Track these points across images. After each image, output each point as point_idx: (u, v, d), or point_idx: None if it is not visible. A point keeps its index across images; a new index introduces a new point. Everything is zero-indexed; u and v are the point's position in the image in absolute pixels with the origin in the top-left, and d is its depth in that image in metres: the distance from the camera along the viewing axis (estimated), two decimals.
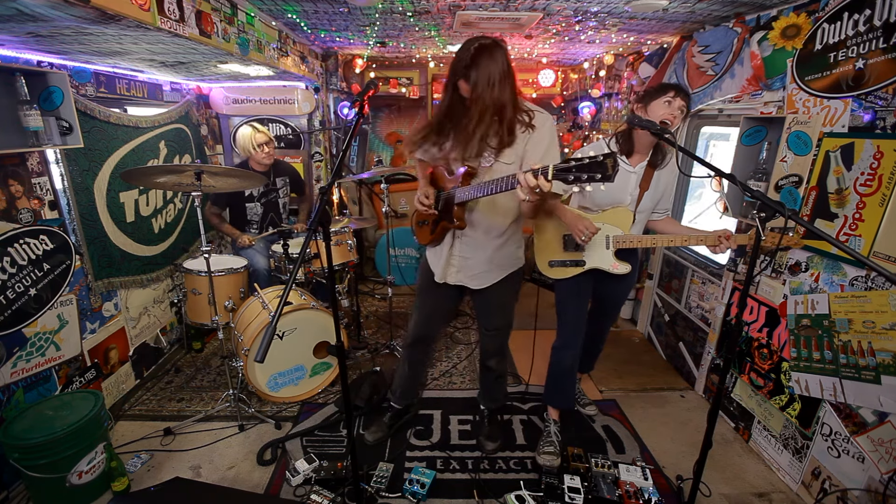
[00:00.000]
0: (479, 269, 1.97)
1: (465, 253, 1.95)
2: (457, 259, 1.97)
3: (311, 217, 1.64)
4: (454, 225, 1.86)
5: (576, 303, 2.17)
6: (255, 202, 3.20)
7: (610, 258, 2.04)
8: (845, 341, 1.87)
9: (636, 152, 1.98)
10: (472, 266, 1.97)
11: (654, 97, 1.85)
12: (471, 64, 1.60)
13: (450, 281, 2.01)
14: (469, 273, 1.98)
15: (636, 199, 2.02)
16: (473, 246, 1.94)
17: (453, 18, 2.65)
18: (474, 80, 1.60)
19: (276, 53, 2.87)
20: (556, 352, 2.23)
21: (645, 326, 3.57)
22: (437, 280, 2.02)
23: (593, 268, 2.07)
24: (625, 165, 1.98)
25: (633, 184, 2.00)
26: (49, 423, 1.89)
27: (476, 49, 1.60)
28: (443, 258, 1.98)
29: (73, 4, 1.31)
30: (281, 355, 2.58)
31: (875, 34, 1.73)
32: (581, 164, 1.21)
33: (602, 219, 2.03)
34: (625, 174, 1.99)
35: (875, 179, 1.73)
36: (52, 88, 2.06)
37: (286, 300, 1.20)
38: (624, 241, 2.00)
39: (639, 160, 1.99)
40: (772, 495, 2.10)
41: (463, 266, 1.97)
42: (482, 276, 1.99)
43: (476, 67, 1.59)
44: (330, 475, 2.09)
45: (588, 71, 4.22)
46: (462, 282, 2.01)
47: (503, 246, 1.95)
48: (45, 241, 2.16)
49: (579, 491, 2.02)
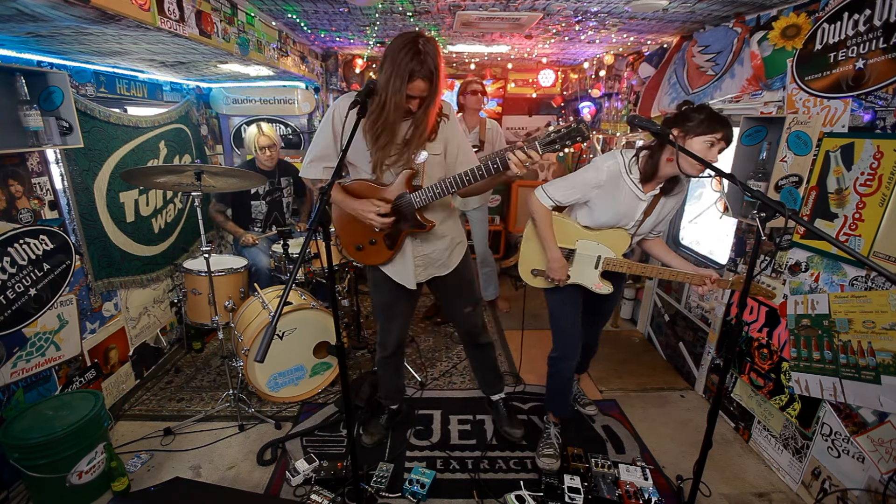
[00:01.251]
0: (443, 257, 2.02)
1: (425, 250, 1.97)
2: (420, 259, 1.98)
3: (311, 217, 1.64)
4: (424, 229, 1.85)
5: (570, 313, 2.13)
6: (260, 200, 3.22)
7: (595, 277, 2.03)
8: (845, 341, 1.87)
9: (655, 179, 1.83)
10: (437, 256, 2.00)
11: (700, 132, 1.65)
12: (439, 64, 1.61)
13: (420, 280, 2.02)
14: (435, 264, 2.02)
15: (638, 224, 1.97)
16: (430, 239, 1.95)
17: (453, 18, 2.65)
18: (436, 82, 1.62)
19: (276, 53, 2.87)
20: (553, 362, 2.20)
21: (645, 326, 3.57)
22: (410, 287, 2.00)
23: (576, 283, 2.06)
24: (637, 191, 1.86)
25: (641, 210, 1.92)
26: (49, 423, 1.89)
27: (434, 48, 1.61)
28: (407, 265, 1.96)
29: (73, 4, 1.31)
30: (281, 355, 2.58)
31: (875, 34, 1.73)
32: (562, 135, 1.48)
33: (598, 238, 2.00)
34: (634, 200, 1.88)
35: (875, 179, 1.73)
36: (52, 88, 2.06)
37: (286, 300, 1.20)
38: (613, 264, 1.99)
39: (651, 188, 1.86)
40: (772, 495, 2.10)
41: (427, 262, 2.00)
42: (447, 261, 2.04)
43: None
44: (330, 475, 2.09)
45: (588, 71, 4.22)
46: (432, 275, 2.04)
47: (450, 222, 2.01)
48: (45, 241, 2.16)
49: (579, 491, 2.02)
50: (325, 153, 1.82)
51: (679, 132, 1.70)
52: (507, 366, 3.12)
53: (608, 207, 1.91)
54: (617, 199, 1.88)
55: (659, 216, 1.96)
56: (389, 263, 1.99)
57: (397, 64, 1.55)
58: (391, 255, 1.94)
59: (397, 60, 1.55)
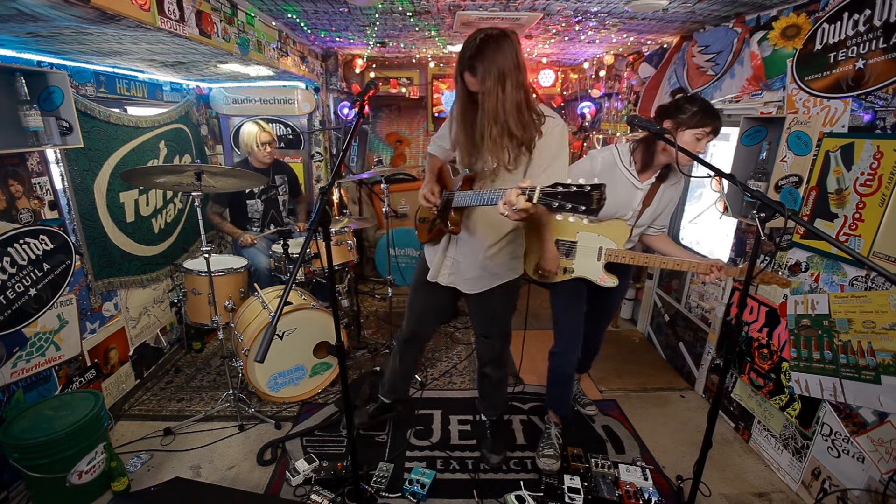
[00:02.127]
0: (470, 275, 1.92)
1: (458, 256, 1.92)
2: (450, 261, 1.94)
3: (311, 217, 1.63)
4: (449, 229, 1.83)
5: (573, 308, 2.14)
6: (255, 199, 3.22)
7: (599, 269, 2.03)
8: (845, 341, 1.87)
9: (651, 168, 1.90)
10: (464, 270, 1.92)
11: (691, 125, 1.71)
12: (476, 55, 1.48)
13: (441, 282, 1.98)
14: (461, 277, 1.94)
15: (637, 214, 1.99)
16: (466, 251, 1.90)
17: (453, 18, 2.65)
18: (482, 74, 1.48)
19: (276, 53, 2.87)
20: (554, 357, 2.20)
21: (645, 326, 3.57)
22: (430, 278, 1.99)
23: (581, 276, 2.06)
24: (633, 180, 1.92)
25: (638, 199, 1.95)
26: (49, 423, 1.89)
27: (482, 39, 1.48)
28: (437, 257, 1.96)
29: (73, 4, 1.31)
30: (281, 355, 2.58)
31: (875, 34, 1.73)
32: (568, 192, 1.17)
33: (598, 230, 2.00)
34: (631, 189, 1.93)
35: (875, 179, 1.73)
36: (52, 88, 2.06)
37: (286, 300, 1.20)
38: (615, 255, 1.98)
39: (648, 177, 1.92)
40: (772, 495, 2.10)
41: (455, 269, 1.94)
42: (473, 281, 1.93)
43: (482, 59, 1.46)
44: (330, 475, 2.09)
45: (588, 71, 4.22)
46: (454, 284, 1.97)
47: (497, 254, 1.88)
48: (45, 241, 2.16)
49: (579, 491, 2.02)
50: (442, 133, 1.93)
51: (672, 124, 1.75)
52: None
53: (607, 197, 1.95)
54: (615, 188, 1.89)
55: (658, 207, 1.98)
56: (429, 246, 2.05)
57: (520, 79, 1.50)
58: (429, 239, 2.02)
59: (520, 77, 1.50)
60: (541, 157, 1.63)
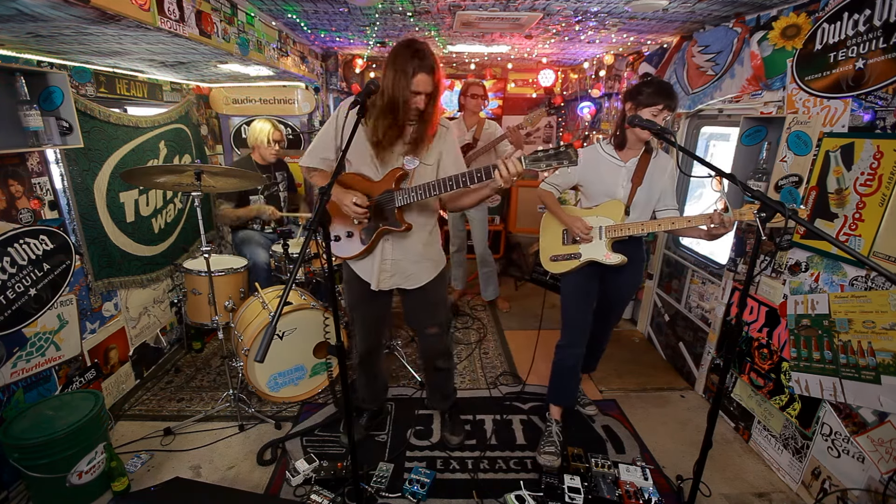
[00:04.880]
0: (412, 270, 1.99)
1: (396, 256, 1.95)
2: (388, 264, 1.96)
3: (311, 216, 1.65)
4: (399, 229, 1.85)
5: (581, 302, 2.21)
6: (258, 195, 3.28)
7: (603, 248, 2.11)
8: (845, 341, 1.87)
9: (628, 147, 2.08)
10: (406, 267, 1.98)
11: (647, 105, 1.91)
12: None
13: (384, 287, 1.99)
14: (403, 275, 1.99)
15: (629, 193, 2.08)
16: (403, 247, 1.95)
17: (453, 18, 2.65)
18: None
19: (276, 53, 2.87)
20: (559, 350, 2.27)
21: (645, 326, 3.57)
22: (374, 288, 1.98)
23: (589, 259, 2.13)
24: (615, 161, 2.09)
25: (625, 177, 2.09)
26: (49, 423, 1.89)
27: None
28: (375, 266, 1.96)
29: (73, 4, 1.31)
30: (281, 355, 2.58)
31: (875, 34, 1.73)
32: (547, 154, 1.48)
33: (596, 212, 2.13)
34: (615, 168, 2.09)
35: (875, 179, 1.73)
36: (52, 88, 2.06)
37: (286, 300, 1.20)
38: (615, 229, 2.08)
39: (630, 156, 2.09)
40: (772, 495, 2.10)
41: (396, 269, 1.97)
42: (416, 275, 2.01)
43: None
44: (330, 475, 2.09)
45: (588, 71, 4.22)
46: (398, 284, 2.01)
47: (430, 241, 2.01)
48: (45, 241, 2.16)
49: (579, 491, 2.02)
50: (325, 146, 1.91)
51: (631, 106, 1.96)
52: (507, 366, 3.12)
53: (595, 181, 2.13)
54: (599, 171, 2.11)
55: (651, 188, 2.08)
56: (359, 260, 2.01)
57: (399, 64, 1.65)
58: (363, 252, 1.95)
59: (398, 62, 1.66)
60: (450, 149, 1.92)
